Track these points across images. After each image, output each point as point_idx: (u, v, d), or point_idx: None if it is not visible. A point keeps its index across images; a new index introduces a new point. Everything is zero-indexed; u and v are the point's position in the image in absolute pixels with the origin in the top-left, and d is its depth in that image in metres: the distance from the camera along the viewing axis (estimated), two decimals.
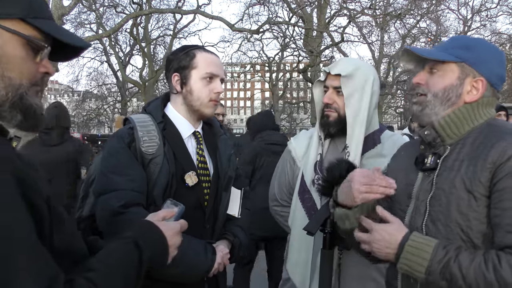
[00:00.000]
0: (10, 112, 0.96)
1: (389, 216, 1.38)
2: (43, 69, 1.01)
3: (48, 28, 0.99)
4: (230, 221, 1.93)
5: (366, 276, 1.89)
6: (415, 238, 1.30)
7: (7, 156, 0.88)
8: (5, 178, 0.84)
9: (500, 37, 23.13)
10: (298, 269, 1.98)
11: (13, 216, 0.84)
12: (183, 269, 1.66)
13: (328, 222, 1.75)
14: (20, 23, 0.96)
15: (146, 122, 1.78)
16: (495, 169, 1.25)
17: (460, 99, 1.39)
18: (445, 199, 1.33)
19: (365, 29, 20.88)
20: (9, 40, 0.94)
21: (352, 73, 1.89)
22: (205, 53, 1.84)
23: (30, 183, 0.89)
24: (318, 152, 2.00)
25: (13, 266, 0.81)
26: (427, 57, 1.43)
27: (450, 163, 1.36)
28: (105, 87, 31.71)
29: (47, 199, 0.93)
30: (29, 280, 0.82)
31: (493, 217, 1.25)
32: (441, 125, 1.39)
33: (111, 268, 1.00)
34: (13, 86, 0.95)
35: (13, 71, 0.95)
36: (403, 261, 1.29)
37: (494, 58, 1.42)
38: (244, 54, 25.75)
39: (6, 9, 0.95)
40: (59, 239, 0.94)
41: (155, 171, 1.71)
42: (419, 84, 1.45)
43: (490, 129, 1.36)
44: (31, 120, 1.00)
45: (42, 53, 0.99)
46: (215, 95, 1.82)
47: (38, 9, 1.00)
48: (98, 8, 22.10)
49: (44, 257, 0.86)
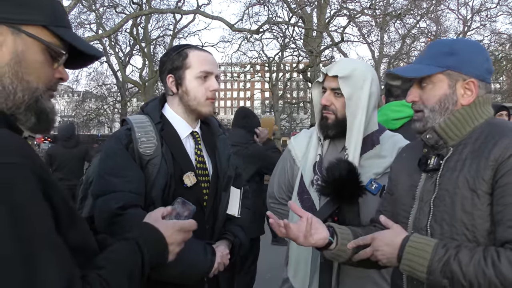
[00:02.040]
0: (25, 114, 1.00)
1: (390, 222, 1.40)
2: (58, 75, 1.07)
3: (68, 36, 1.05)
4: (230, 220, 1.93)
5: (365, 276, 1.88)
6: (415, 239, 1.31)
7: (28, 154, 0.91)
8: (27, 175, 0.87)
9: (500, 37, 23.12)
10: (298, 270, 1.97)
11: (35, 212, 0.87)
12: (182, 269, 1.65)
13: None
14: (42, 30, 1.01)
15: (144, 123, 1.77)
16: (497, 166, 1.25)
17: (457, 105, 1.40)
18: (449, 199, 1.33)
19: (365, 29, 20.87)
20: (30, 45, 0.99)
21: (349, 74, 1.88)
22: (197, 51, 1.82)
23: (49, 181, 0.92)
24: (317, 152, 1.99)
25: (37, 262, 0.84)
26: (409, 77, 1.44)
27: (452, 164, 1.37)
28: (105, 87, 31.68)
29: (64, 198, 0.97)
30: (53, 276, 0.85)
31: (495, 213, 1.25)
32: (442, 128, 1.40)
33: (118, 266, 1.04)
34: (30, 89, 0.99)
35: (32, 75, 1.00)
36: (404, 262, 1.30)
37: (478, 54, 1.42)
38: (244, 54, 25.73)
39: (31, 15, 1.00)
40: (73, 236, 0.98)
41: (153, 172, 1.70)
42: (414, 101, 1.46)
43: (490, 127, 1.36)
44: (44, 123, 1.04)
45: (59, 59, 1.05)
46: (211, 93, 1.81)
47: (60, 18, 1.05)
48: (98, 8, 22.10)
49: (65, 254, 0.90)
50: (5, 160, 0.86)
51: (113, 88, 31.43)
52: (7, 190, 0.84)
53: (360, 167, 1.85)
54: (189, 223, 1.31)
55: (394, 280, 1.54)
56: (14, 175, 0.86)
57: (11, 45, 0.97)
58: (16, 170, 0.86)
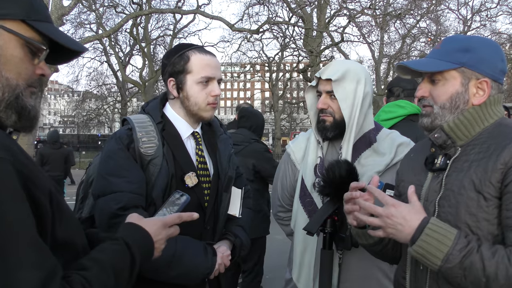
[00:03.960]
0: (5, 112, 0.97)
1: (414, 197, 1.31)
2: (39, 71, 1.03)
3: (47, 30, 1.00)
4: (231, 221, 1.92)
5: (367, 275, 1.88)
6: (436, 222, 1.25)
7: (9, 148, 0.89)
8: (7, 169, 0.85)
9: (500, 37, 23.12)
10: (302, 272, 1.97)
11: (15, 207, 0.85)
12: (183, 270, 1.65)
13: (328, 222, 1.75)
14: (21, 25, 0.97)
15: (145, 122, 1.75)
16: (506, 170, 1.23)
17: (468, 104, 1.36)
18: (454, 199, 1.31)
19: (365, 29, 20.86)
20: (8, 40, 0.96)
21: (342, 76, 1.88)
22: (199, 54, 1.77)
23: (30, 177, 0.90)
24: (317, 155, 1.99)
25: (14, 255, 0.83)
26: (422, 71, 1.40)
27: (460, 164, 1.34)
28: (105, 87, 31.71)
29: (50, 193, 0.94)
30: (28, 270, 0.83)
31: (504, 218, 1.23)
32: (451, 128, 1.37)
33: (105, 267, 1.01)
34: (10, 86, 0.96)
35: (11, 71, 0.96)
36: (420, 244, 1.22)
37: (494, 54, 1.38)
38: (244, 54, 25.75)
39: (8, 9, 0.96)
40: (60, 231, 0.96)
41: (154, 172, 1.69)
42: (424, 97, 1.42)
43: (500, 129, 1.34)
44: (25, 121, 1.01)
45: (40, 55, 1.01)
46: (212, 98, 1.78)
47: (38, 12, 1.01)
48: (98, 8, 22.12)
49: (44, 250, 0.88)
50: None
51: (113, 88, 31.46)
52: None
53: (360, 166, 1.86)
54: (172, 218, 1.28)
55: (397, 279, 1.52)
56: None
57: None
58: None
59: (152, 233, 1.20)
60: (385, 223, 1.28)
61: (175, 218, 1.29)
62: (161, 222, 1.25)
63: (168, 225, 1.27)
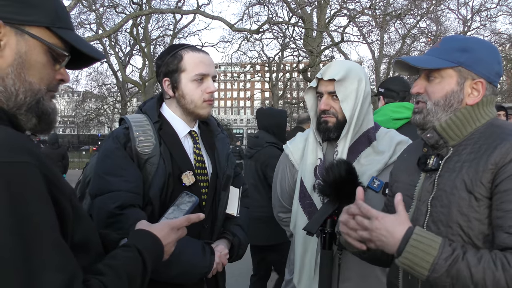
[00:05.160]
0: (26, 115, 1.00)
1: (401, 206, 1.31)
2: (59, 76, 1.07)
3: (70, 38, 1.04)
4: (229, 220, 1.92)
5: (366, 275, 1.88)
6: (420, 232, 1.24)
7: (36, 153, 0.91)
8: (34, 172, 0.87)
9: (500, 37, 23.13)
10: (303, 275, 1.96)
11: (41, 209, 0.87)
12: (181, 269, 1.65)
13: (327, 222, 1.74)
14: (45, 31, 1.01)
15: (142, 122, 1.76)
16: (497, 171, 1.24)
17: (461, 103, 1.38)
18: (446, 200, 1.32)
19: (365, 29, 20.86)
20: (33, 46, 0.99)
21: (345, 76, 1.88)
22: (192, 52, 1.79)
23: (53, 180, 0.92)
24: (317, 156, 1.98)
25: (38, 257, 0.84)
26: (421, 67, 1.41)
27: (452, 164, 1.35)
28: (105, 87, 31.72)
29: (70, 196, 0.97)
30: (52, 273, 0.85)
31: (494, 218, 1.23)
32: (443, 128, 1.38)
33: (120, 273, 1.04)
34: (33, 90, 0.99)
35: (34, 76, 1.00)
36: (406, 255, 1.23)
37: (491, 55, 1.39)
38: (244, 54, 25.77)
39: (34, 16, 0.99)
40: (78, 232, 0.99)
41: (151, 171, 1.69)
42: (419, 93, 1.43)
43: (492, 130, 1.34)
44: (44, 124, 1.04)
45: (62, 61, 1.05)
46: (208, 95, 1.79)
47: (62, 19, 1.05)
48: (98, 8, 22.12)
49: (67, 253, 0.90)
50: (17, 159, 0.86)
51: (113, 88, 31.47)
52: (18, 188, 0.84)
53: (360, 166, 1.86)
54: (180, 221, 1.31)
55: (389, 279, 1.52)
56: (26, 174, 0.86)
57: (15, 46, 0.97)
58: (27, 169, 0.86)
59: (161, 237, 1.23)
60: (371, 236, 1.30)
61: (183, 221, 1.32)
62: (170, 226, 1.28)
63: (176, 228, 1.29)
